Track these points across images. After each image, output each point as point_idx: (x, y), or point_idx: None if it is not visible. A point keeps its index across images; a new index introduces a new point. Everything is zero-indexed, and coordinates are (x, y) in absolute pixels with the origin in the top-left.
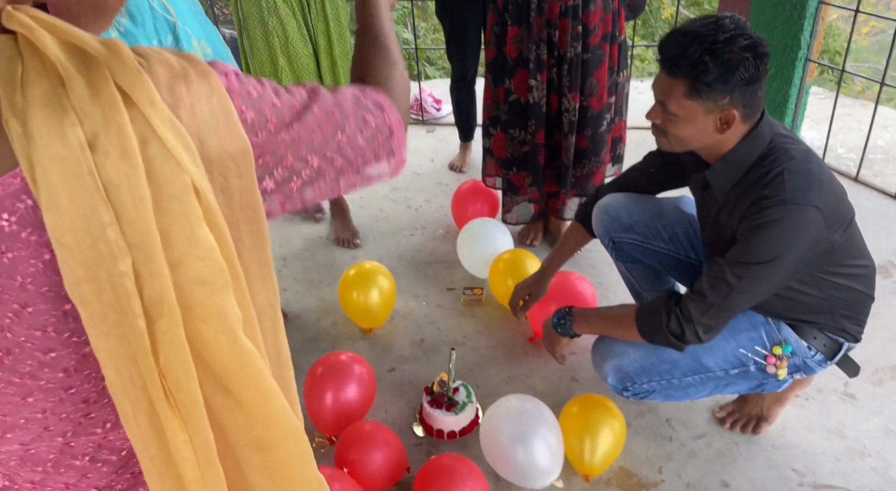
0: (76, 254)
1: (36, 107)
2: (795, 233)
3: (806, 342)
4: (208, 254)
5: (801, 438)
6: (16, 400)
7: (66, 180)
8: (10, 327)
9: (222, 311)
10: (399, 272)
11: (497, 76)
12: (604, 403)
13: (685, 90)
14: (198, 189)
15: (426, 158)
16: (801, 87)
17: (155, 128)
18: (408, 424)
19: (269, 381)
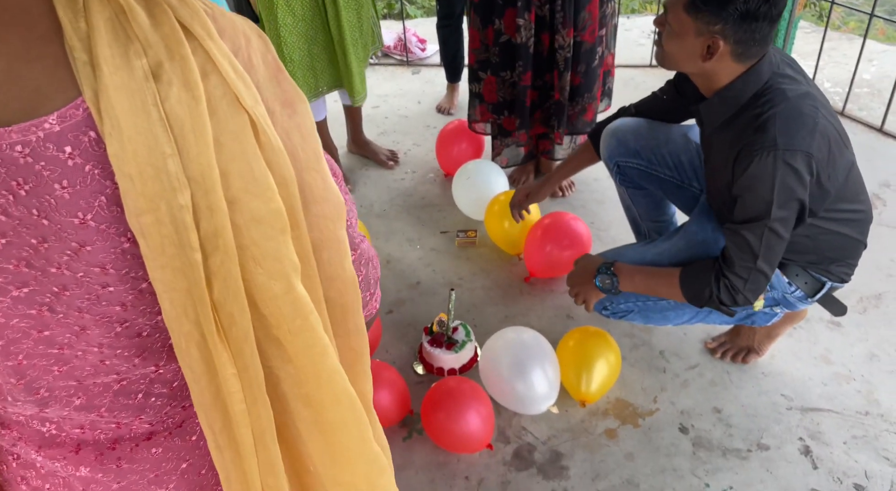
0: (138, 184)
1: (101, 33)
2: (790, 179)
3: (787, 278)
4: (265, 193)
5: (789, 365)
6: (75, 330)
7: (131, 109)
8: (69, 264)
9: (277, 255)
10: (391, 217)
11: (486, 17)
12: (600, 334)
13: (686, 3)
14: (257, 127)
15: (413, 101)
16: (791, 20)
17: (216, 61)
18: (408, 364)
19: (321, 338)
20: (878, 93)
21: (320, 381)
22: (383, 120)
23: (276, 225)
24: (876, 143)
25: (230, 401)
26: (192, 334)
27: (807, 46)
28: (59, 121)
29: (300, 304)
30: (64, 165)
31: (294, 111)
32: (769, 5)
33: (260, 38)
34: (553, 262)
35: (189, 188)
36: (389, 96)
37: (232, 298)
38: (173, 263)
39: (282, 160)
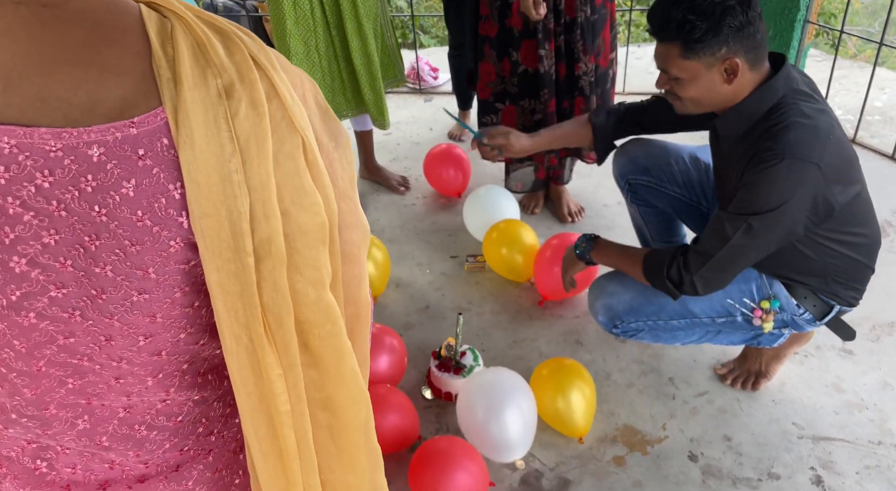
0: (204, 189)
1: (184, 56)
2: (792, 187)
3: (796, 300)
4: (312, 207)
5: (800, 392)
6: (100, 340)
7: (205, 122)
8: (115, 265)
9: (316, 264)
10: (401, 241)
11: (502, 50)
12: (571, 366)
13: (680, 51)
14: (306, 147)
15: (424, 127)
16: (800, 49)
17: (278, 88)
18: (417, 388)
19: (345, 341)
20: (889, 120)
21: (342, 382)
22: (395, 146)
23: (318, 236)
24: (888, 170)
25: (276, 402)
26: (241, 337)
27: (818, 74)
28: (137, 125)
29: (330, 310)
30: (134, 166)
31: (338, 144)
32: (751, 8)
33: (311, 82)
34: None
35: (249, 196)
36: (402, 123)
37: (280, 302)
38: (228, 266)
39: (325, 180)
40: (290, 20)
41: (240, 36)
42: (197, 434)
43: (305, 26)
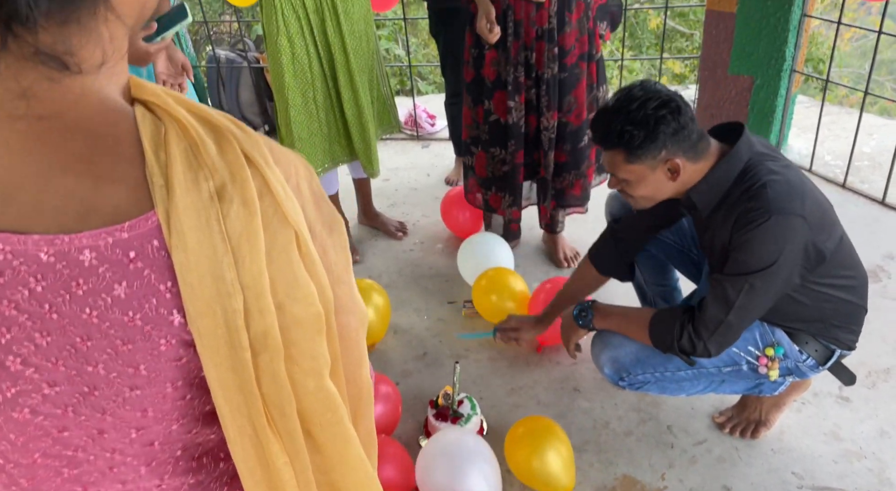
0: (198, 290)
1: (176, 162)
2: (784, 240)
3: (798, 347)
4: (307, 298)
5: (798, 441)
6: (93, 433)
7: (197, 226)
8: (106, 363)
9: (313, 354)
10: (399, 287)
11: (476, 97)
12: (547, 426)
13: (624, 157)
14: (300, 240)
15: (422, 173)
16: (788, 97)
17: (269, 184)
18: (414, 438)
19: (347, 428)
20: (878, 166)
21: (346, 468)
22: (393, 192)
23: (314, 326)
24: (879, 215)
25: (285, 489)
26: (245, 429)
27: (806, 120)
28: (129, 229)
29: (330, 399)
30: (126, 268)
31: (332, 230)
32: (682, 114)
33: (306, 168)
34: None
35: (242, 294)
36: (400, 169)
37: (280, 393)
38: (226, 362)
39: (319, 269)
40: (288, 74)
41: (233, 132)
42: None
43: (303, 79)
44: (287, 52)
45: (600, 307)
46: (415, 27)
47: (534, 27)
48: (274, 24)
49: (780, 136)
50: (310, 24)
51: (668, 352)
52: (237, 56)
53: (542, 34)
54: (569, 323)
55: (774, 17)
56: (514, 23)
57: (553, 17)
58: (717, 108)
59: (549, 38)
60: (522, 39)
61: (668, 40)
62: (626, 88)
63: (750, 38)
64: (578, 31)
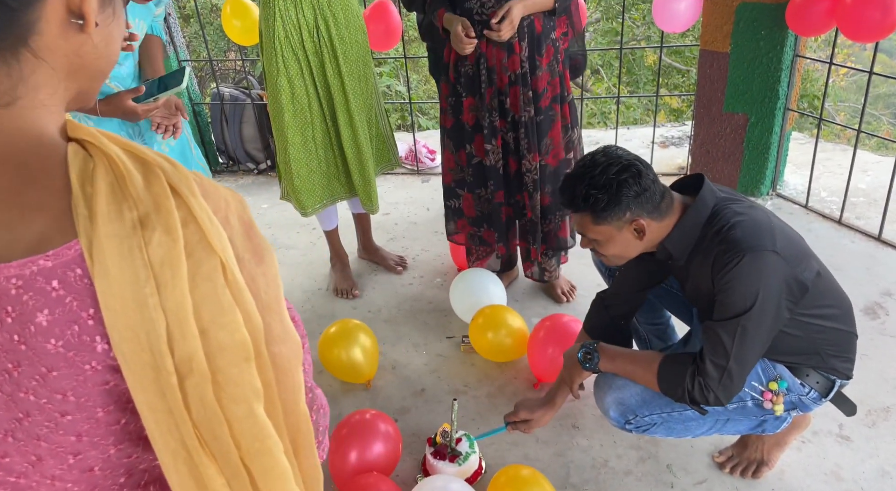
0: (121, 316)
1: (101, 194)
2: (761, 277)
3: (800, 380)
4: (230, 325)
5: (800, 481)
6: (31, 460)
7: (119, 253)
8: (35, 389)
9: (240, 381)
10: (398, 321)
11: (458, 142)
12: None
13: (591, 219)
14: (226, 268)
15: (422, 208)
16: (782, 134)
17: (194, 213)
18: (411, 476)
19: (279, 461)
20: (874, 202)
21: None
22: (393, 226)
23: (239, 354)
24: (875, 251)
25: None
26: (179, 452)
27: (801, 157)
28: (52, 258)
29: (258, 428)
30: (48, 296)
31: (261, 260)
32: (644, 177)
33: (238, 202)
34: (558, 364)
35: (165, 319)
36: (399, 204)
37: (210, 416)
38: (153, 386)
39: (246, 297)
40: (288, 113)
41: (162, 166)
42: None
43: (303, 118)
44: (287, 92)
45: (606, 350)
46: (416, 64)
47: (506, 73)
48: (274, 64)
49: (776, 173)
50: (309, 66)
51: (679, 402)
52: (241, 93)
53: (516, 79)
54: (572, 365)
55: (767, 57)
56: (486, 69)
57: (525, 61)
58: (713, 144)
59: (523, 82)
60: (496, 85)
61: (665, 76)
62: (590, 154)
63: (743, 77)
64: (549, 74)
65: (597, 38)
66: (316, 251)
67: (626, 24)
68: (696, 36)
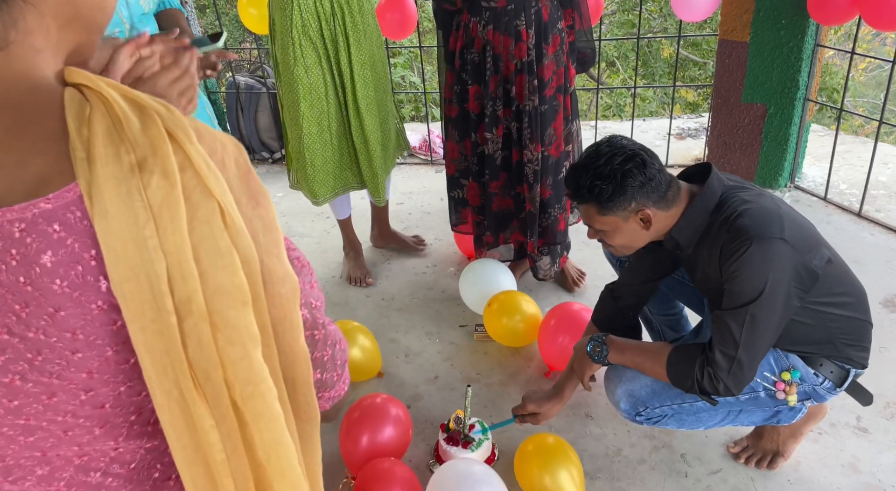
0: (121, 256)
1: (98, 137)
2: (770, 265)
3: (813, 370)
4: (229, 267)
5: (816, 472)
6: (42, 399)
7: (118, 195)
8: (45, 329)
9: (237, 323)
10: (411, 310)
11: (463, 131)
12: (559, 444)
13: (596, 210)
14: (224, 211)
15: (436, 197)
16: (801, 125)
17: (191, 158)
18: (424, 462)
19: (271, 407)
20: (894, 195)
21: (266, 449)
22: (407, 216)
23: (237, 296)
24: (894, 243)
25: (210, 452)
26: (172, 392)
27: (821, 149)
28: (52, 201)
29: (253, 372)
30: (50, 238)
31: (258, 204)
32: (648, 166)
33: (235, 146)
34: (569, 352)
35: (165, 260)
36: (413, 193)
37: (206, 357)
38: (152, 326)
39: (245, 241)
40: (304, 102)
41: (158, 111)
42: (153, 480)
43: (319, 109)
44: (304, 81)
45: (615, 342)
46: (430, 55)
47: (513, 61)
48: (290, 54)
49: (795, 165)
50: (326, 54)
51: (689, 392)
52: (256, 82)
53: (522, 67)
54: (582, 357)
55: (787, 46)
56: (492, 57)
57: (532, 49)
58: (731, 135)
59: (529, 70)
60: (502, 73)
61: (682, 69)
62: (595, 145)
63: (763, 67)
64: (555, 63)
65: (612, 30)
66: (329, 240)
67: (643, 16)
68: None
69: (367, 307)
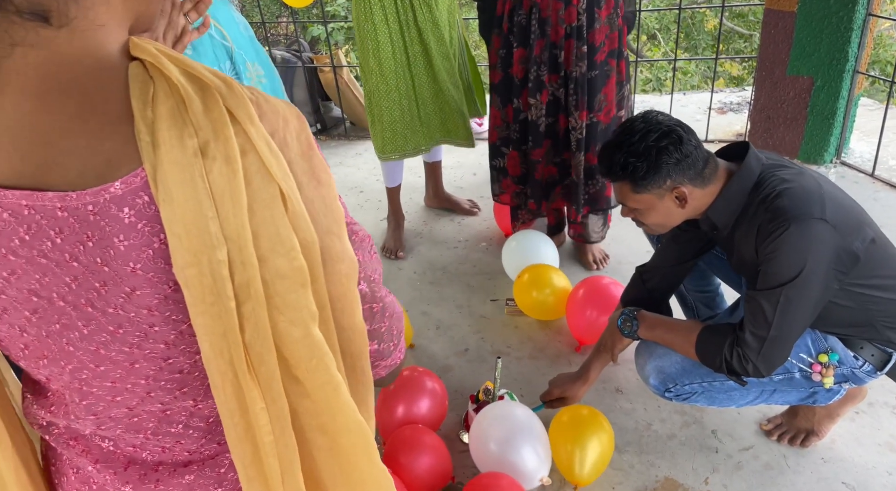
0: (184, 241)
1: (163, 120)
2: (809, 247)
3: (853, 352)
4: (289, 253)
5: (851, 451)
6: (126, 366)
7: (182, 180)
8: (123, 306)
9: (297, 305)
10: (443, 283)
11: (505, 97)
12: (593, 414)
13: (630, 188)
14: (285, 196)
15: (468, 172)
16: (850, 99)
17: (253, 142)
18: (454, 432)
19: (334, 375)
20: None
21: (334, 412)
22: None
23: (297, 280)
24: None
25: (259, 433)
26: (227, 373)
27: (870, 123)
28: (122, 186)
29: (316, 347)
30: (122, 223)
31: (319, 182)
32: (684, 143)
33: (298, 119)
34: (598, 325)
35: (226, 245)
36: (447, 168)
37: (261, 341)
38: (211, 310)
39: (305, 225)
40: (373, 60)
41: (220, 89)
42: None
43: (388, 67)
44: (373, 38)
45: (646, 317)
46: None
47: (562, 25)
48: (362, 10)
49: (842, 139)
50: (396, 13)
51: (718, 371)
52: (292, 56)
53: (571, 32)
54: (613, 332)
55: (837, 15)
56: (538, 20)
57: (582, 14)
58: (774, 109)
59: (578, 35)
60: (549, 37)
61: (726, 42)
62: (629, 121)
63: (811, 37)
64: (609, 27)
65: (654, 1)
66: (362, 213)
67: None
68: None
69: (399, 280)
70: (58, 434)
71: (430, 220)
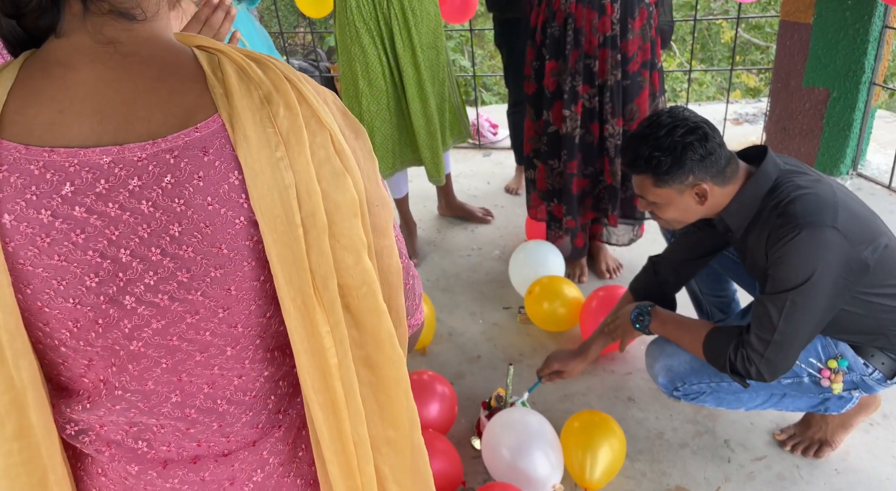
0: (259, 176)
1: (231, 77)
2: (818, 252)
3: (863, 359)
4: (343, 185)
5: (865, 463)
6: (185, 318)
7: (254, 123)
8: (195, 245)
9: (351, 233)
10: (456, 290)
11: (538, 109)
12: (605, 419)
13: (652, 182)
14: (334, 138)
15: (482, 181)
16: (866, 111)
17: (305, 95)
18: (466, 438)
19: (380, 303)
20: None
21: (378, 341)
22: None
23: (350, 209)
24: None
25: (325, 356)
26: (296, 299)
27: (887, 135)
28: (200, 130)
29: (366, 274)
30: (201, 161)
31: (357, 135)
32: (709, 140)
33: (332, 95)
34: None
35: (294, 178)
36: (461, 177)
37: (325, 265)
38: (283, 237)
39: (352, 164)
40: (362, 81)
41: (273, 62)
42: (268, 410)
43: (377, 87)
44: (361, 60)
45: (659, 313)
46: (481, 39)
47: (596, 34)
48: (347, 33)
49: (858, 151)
50: (381, 36)
51: (722, 372)
52: (309, 65)
53: (605, 41)
54: (625, 324)
55: (853, 27)
56: (574, 31)
57: (616, 23)
58: (790, 120)
59: (612, 44)
60: (583, 48)
61: (742, 53)
62: (655, 115)
63: (826, 49)
64: (641, 38)
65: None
66: None
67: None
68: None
69: None
70: (88, 442)
71: (444, 228)
